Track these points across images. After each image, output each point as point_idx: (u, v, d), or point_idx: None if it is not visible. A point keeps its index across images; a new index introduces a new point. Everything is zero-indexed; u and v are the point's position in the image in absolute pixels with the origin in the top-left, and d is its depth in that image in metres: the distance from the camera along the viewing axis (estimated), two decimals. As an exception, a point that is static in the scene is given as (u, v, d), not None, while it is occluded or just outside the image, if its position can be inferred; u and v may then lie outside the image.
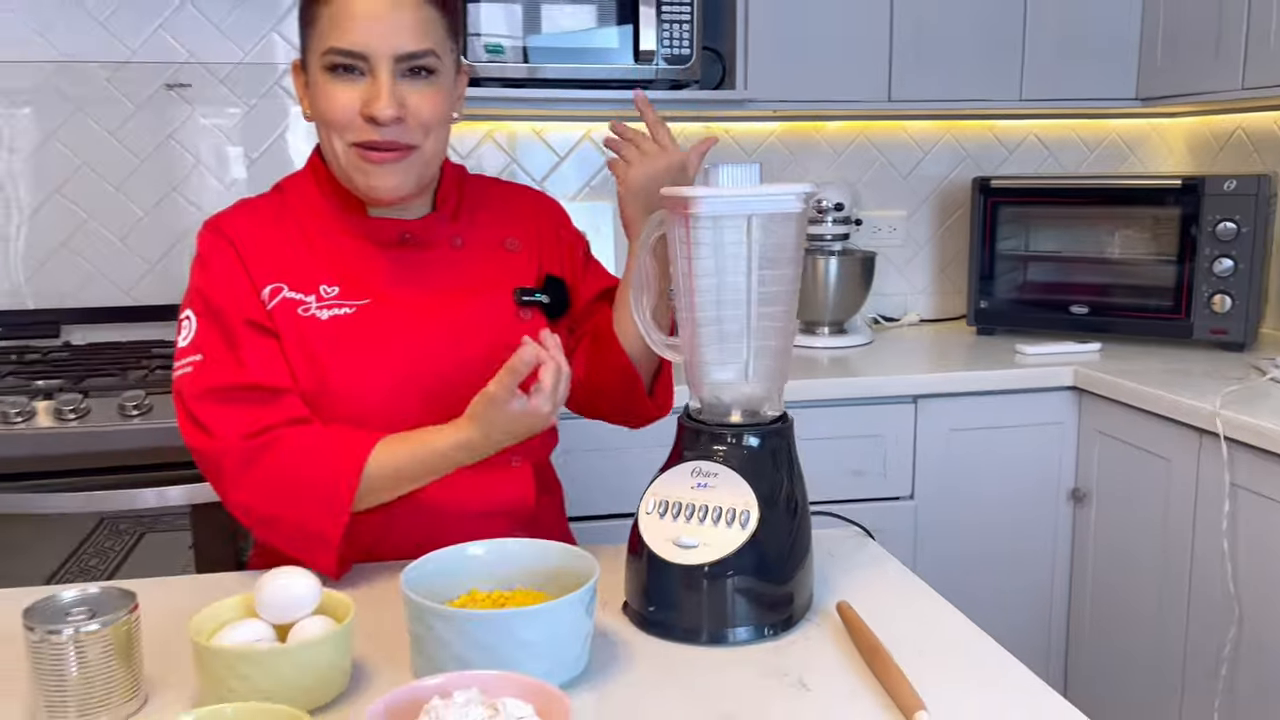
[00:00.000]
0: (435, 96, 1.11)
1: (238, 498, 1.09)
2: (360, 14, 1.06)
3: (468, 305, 1.18)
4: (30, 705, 0.84)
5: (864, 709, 0.84)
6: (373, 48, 1.07)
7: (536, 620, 0.83)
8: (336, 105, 1.09)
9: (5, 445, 1.73)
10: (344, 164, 1.12)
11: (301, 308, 1.13)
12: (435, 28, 1.11)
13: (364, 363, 1.13)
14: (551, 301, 1.23)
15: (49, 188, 2.27)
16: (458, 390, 1.12)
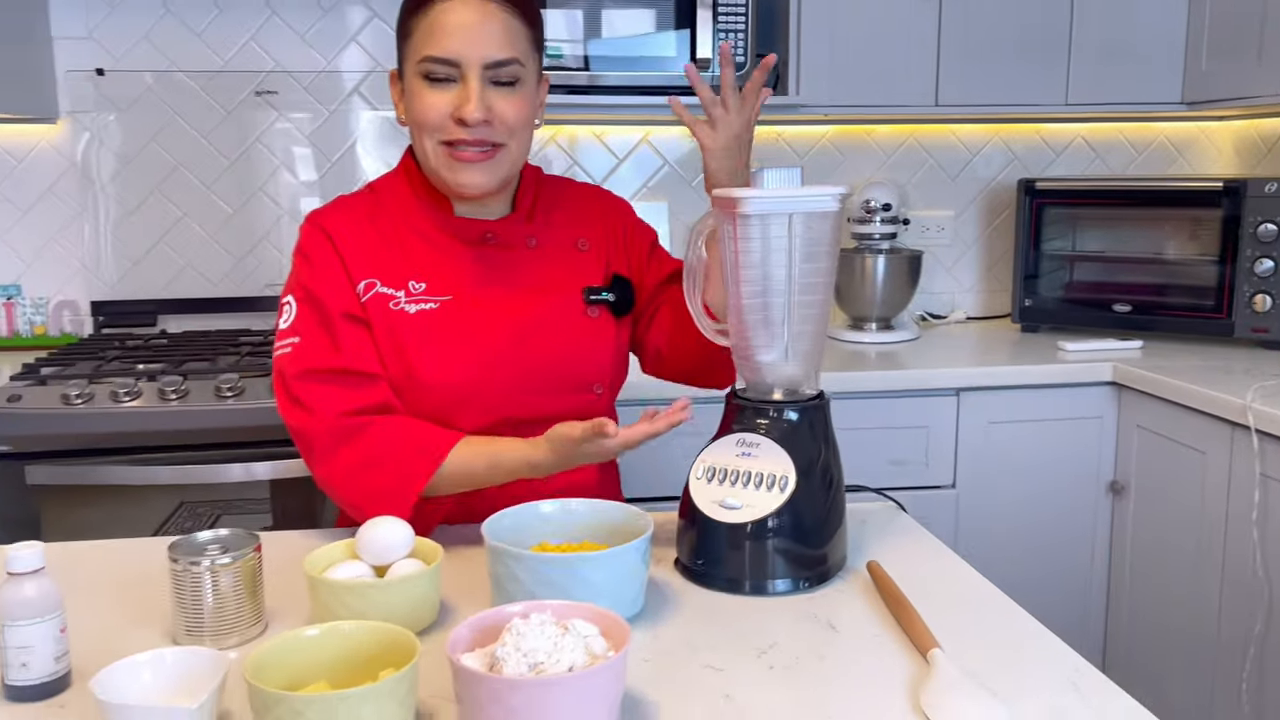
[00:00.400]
0: (519, 102, 1.21)
1: (323, 472, 1.21)
2: (453, 26, 1.17)
3: (541, 303, 1.28)
4: (171, 629, 0.99)
5: (886, 648, 0.96)
6: (464, 56, 1.17)
7: (600, 563, 0.96)
8: (430, 109, 1.20)
9: (115, 422, 1.90)
10: (434, 163, 1.23)
11: (392, 302, 1.23)
12: (520, 39, 1.21)
13: (447, 355, 1.23)
14: (617, 300, 1.33)
15: (148, 187, 2.46)
16: (530, 381, 1.25)
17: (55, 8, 2.37)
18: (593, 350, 1.30)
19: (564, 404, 1.28)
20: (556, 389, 1.28)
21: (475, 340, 1.25)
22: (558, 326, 1.28)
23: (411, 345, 1.23)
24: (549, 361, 1.27)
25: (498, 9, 1.19)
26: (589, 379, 1.31)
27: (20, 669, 0.85)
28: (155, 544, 1.24)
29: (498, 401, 1.25)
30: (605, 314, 1.32)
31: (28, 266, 2.45)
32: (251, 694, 0.75)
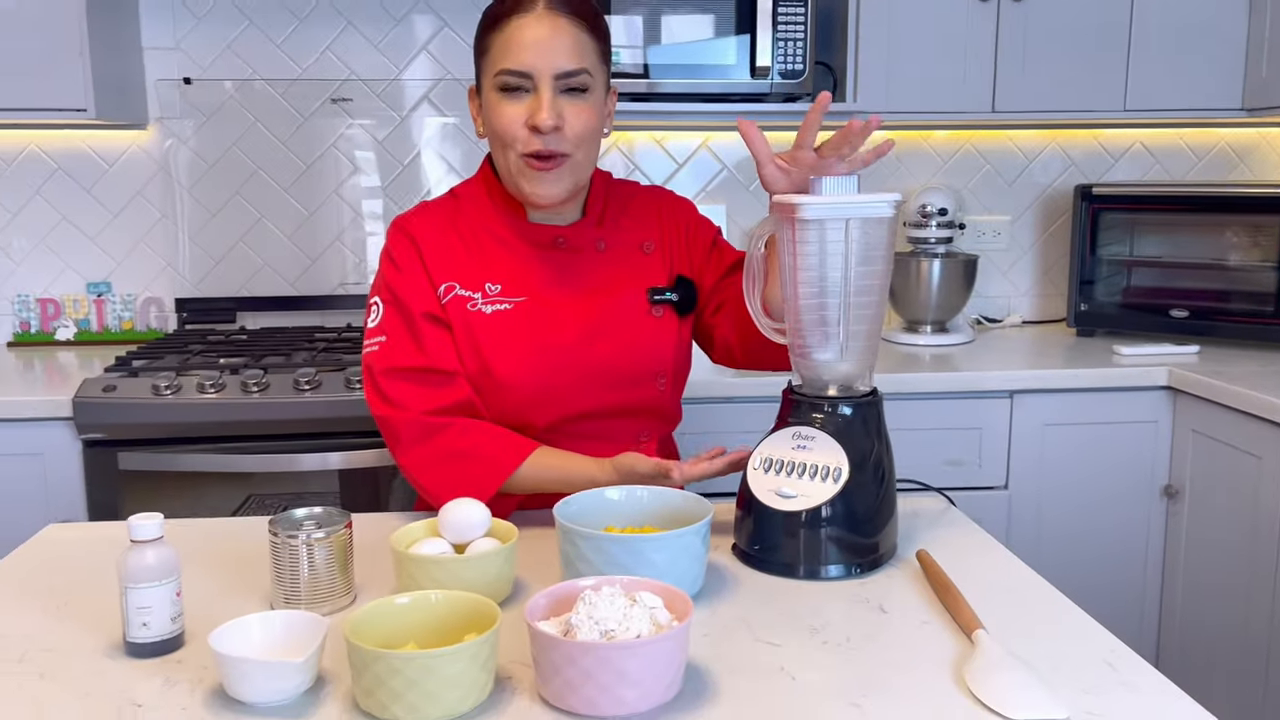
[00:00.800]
0: (588, 111, 1.29)
1: (407, 462, 1.30)
2: (527, 40, 1.25)
3: (608, 303, 1.36)
4: (270, 596, 1.08)
5: (933, 629, 1.01)
6: (536, 67, 1.25)
7: (663, 544, 1.03)
8: (506, 119, 1.27)
9: (201, 412, 2.01)
10: (513, 172, 1.30)
11: (470, 303, 1.32)
12: (589, 52, 1.29)
13: (520, 352, 1.32)
14: (680, 299, 1.41)
15: (229, 190, 2.58)
16: (599, 376, 1.34)
17: (146, 20, 2.50)
18: (656, 346, 1.38)
19: (630, 396, 1.36)
20: (623, 382, 1.36)
21: (547, 339, 1.33)
22: (624, 325, 1.36)
23: (487, 344, 1.32)
24: (616, 357, 1.35)
25: (567, 24, 1.27)
26: (653, 373, 1.39)
27: (141, 628, 0.94)
28: (248, 523, 1.34)
29: (568, 395, 1.34)
30: (669, 312, 1.40)
31: (118, 265, 2.58)
32: (351, 652, 0.83)
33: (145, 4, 2.50)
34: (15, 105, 2.19)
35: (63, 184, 2.54)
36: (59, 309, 2.56)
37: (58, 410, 1.99)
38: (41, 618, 1.04)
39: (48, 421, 2.00)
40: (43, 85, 2.18)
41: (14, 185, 2.53)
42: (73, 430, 2.00)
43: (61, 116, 2.21)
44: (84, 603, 1.08)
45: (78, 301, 2.57)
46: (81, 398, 1.99)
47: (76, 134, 2.52)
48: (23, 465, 2.01)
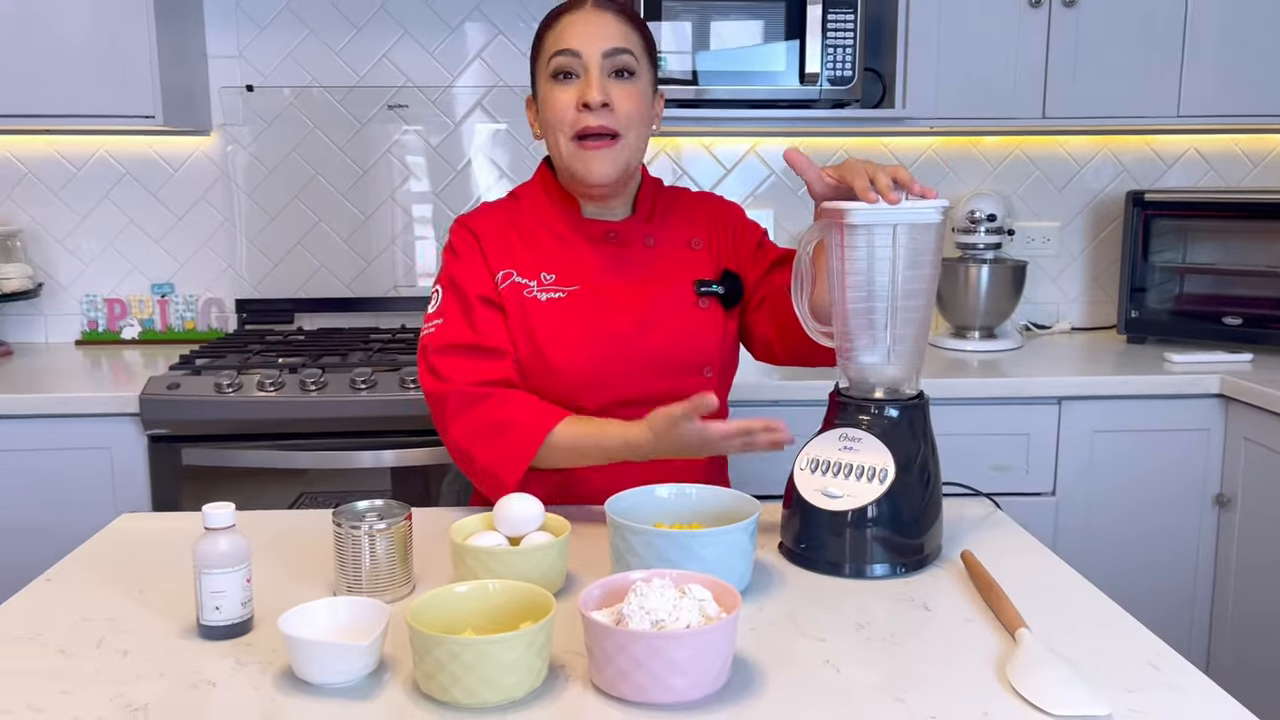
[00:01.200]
0: (635, 94, 1.37)
1: (452, 433, 1.36)
2: (575, 25, 1.36)
3: (656, 294, 1.43)
4: (334, 584, 1.12)
5: (977, 628, 1.03)
6: (584, 47, 1.35)
7: (712, 540, 1.05)
8: (559, 104, 1.36)
9: (261, 409, 2.08)
10: (566, 157, 1.38)
11: (526, 290, 1.40)
12: (634, 39, 1.38)
13: (572, 337, 1.39)
14: (726, 292, 1.46)
15: (288, 195, 2.65)
16: (646, 363, 1.40)
17: (211, 29, 2.58)
18: (702, 336, 1.44)
19: (677, 384, 1.41)
20: (670, 370, 1.42)
21: (598, 325, 1.40)
22: (671, 314, 1.42)
23: (541, 329, 1.39)
24: (664, 346, 1.41)
25: (613, 16, 1.38)
26: (699, 362, 1.44)
27: (214, 611, 0.99)
28: (310, 515, 1.39)
29: (617, 381, 1.40)
30: (714, 304, 1.46)
31: (181, 266, 2.67)
32: (414, 636, 0.87)
33: (210, 14, 2.58)
34: (87, 112, 2.27)
35: (130, 188, 2.63)
36: (125, 309, 2.65)
37: (125, 406, 2.07)
38: (121, 601, 1.10)
39: (115, 417, 2.08)
40: (113, 93, 2.26)
41: (84, 189, 2.62)
42: (139, 426, 2.08)
43: (131, 123, 2.30)
44: (158, 588, 1.13)
45: (143, 302, 2.65)
46: (148, 395, 2.06)
47: (144, 140, 2.60)
48: (91, 459, 2.09)
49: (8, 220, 2.60)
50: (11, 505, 2.08)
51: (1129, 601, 1.48)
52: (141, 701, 0.89)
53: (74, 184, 2.62)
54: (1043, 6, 2.34)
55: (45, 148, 2.59)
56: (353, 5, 2.60)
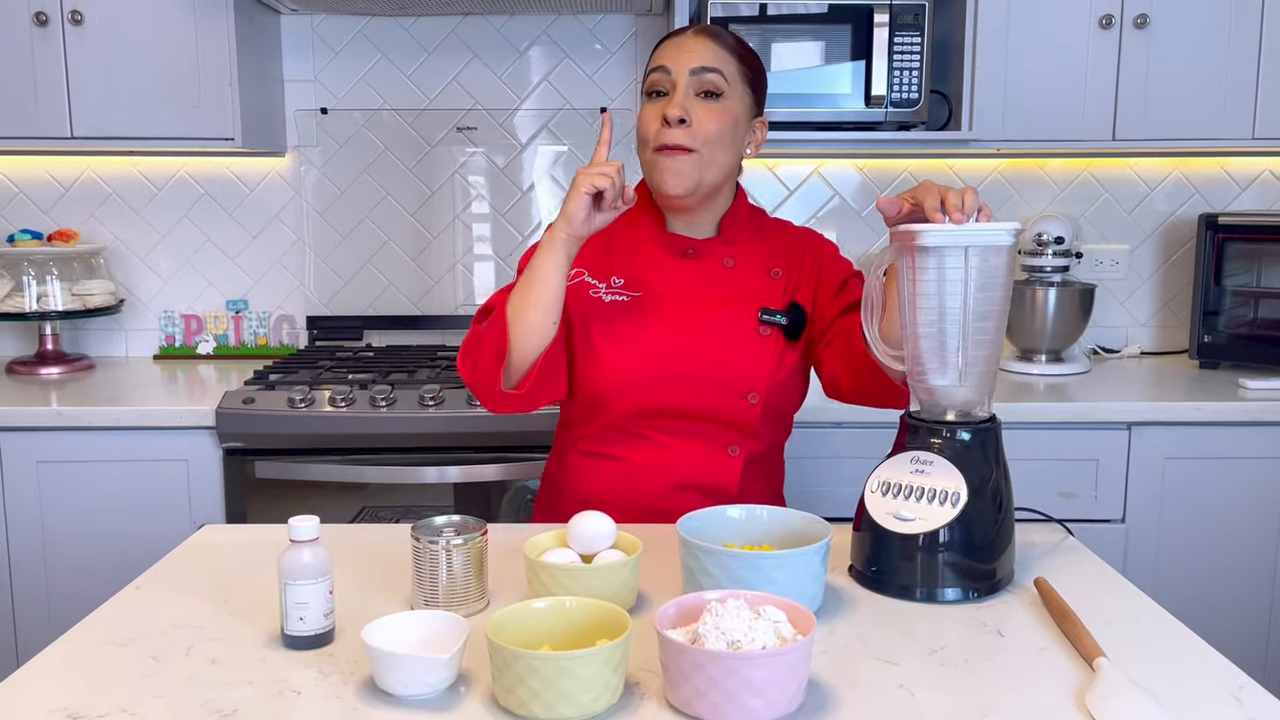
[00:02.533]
0: (719, 114, 1.42)
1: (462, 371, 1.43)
2: (673, 46, 1.45)
3: (718, 313, 1.47)
4: (410, 598, 1.15)
5: (1052, 655, 1.02)
6: (674, 64, 1.43)
7: (784, 562, 1.06)
8: (645, 119, 1.44)
9: (332, 424, 2.12)
10: (646, 168, 1.46)
11: (592, 290, 1.48)
12: (727, 62, 1.44)
13: (626, 340, 1.45)
14: (789, 324, 1.49)
15: (359, 215, 2.71)
16: (688, 379, 1.44)
17: (288, 54, 2.66)
18: (753, 362, 1.46)
19: (717, 405, 1.45)
20: (712, 390, 1.45)
21: (652, 330, 1.45)
22: (726, 336, 1.46)
23: (598, 327, 1.46)
24: (710, 365, 1.45)
25: (712, 42, 1.45)
26: (743, 387, 1.46)
27: (298, 621, 1.02)
28: (387, 529, 1.42)
29: (657, 388, 1.44)
30: (776, 334, 1.48)
31: (255, 284, 2.74)
32: (493, 651, 0.89)
33: (288, 40, 2.65)
34: (170, 134, 2.35)
35: (208, 207, 2.71)
36: (201, 324, 2.72)
37: (201, 420, 2.13)
38: (208, 610, 1.13)
39: (192, 430, 2.14)
40: (195, 116, 2.34)
41: (164, 208, 2.70)
42: (214, 439, 2.13)
43: (211, 145, 2.37)
44: (242, 598, 1.17)
45: (218, 318, 2.73)
46: (224, 409, 2.12)
47: (222, 161, 2.68)
48: (169, 470, 2.15)
49: (92, 238, 2.69)
50: (93, 513, 2.15)
51: (1201, 631, 1.46)
52: (231, 707, 0.92)
53: (155, 203, 2.70)
54: (1113, 28, 2.32)
55: (128, 168, 2.69)
56: (424, 30, 2.66)
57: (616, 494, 1.47)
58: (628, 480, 1.47)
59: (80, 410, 2.12)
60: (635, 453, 1.48)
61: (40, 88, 2.32)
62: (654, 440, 1.47)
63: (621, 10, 2.60)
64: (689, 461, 1.47)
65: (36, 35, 2.30)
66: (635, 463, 1.48)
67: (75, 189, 2.69)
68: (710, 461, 1.48)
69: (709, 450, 1.47)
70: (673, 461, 1.47)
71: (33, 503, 2.15)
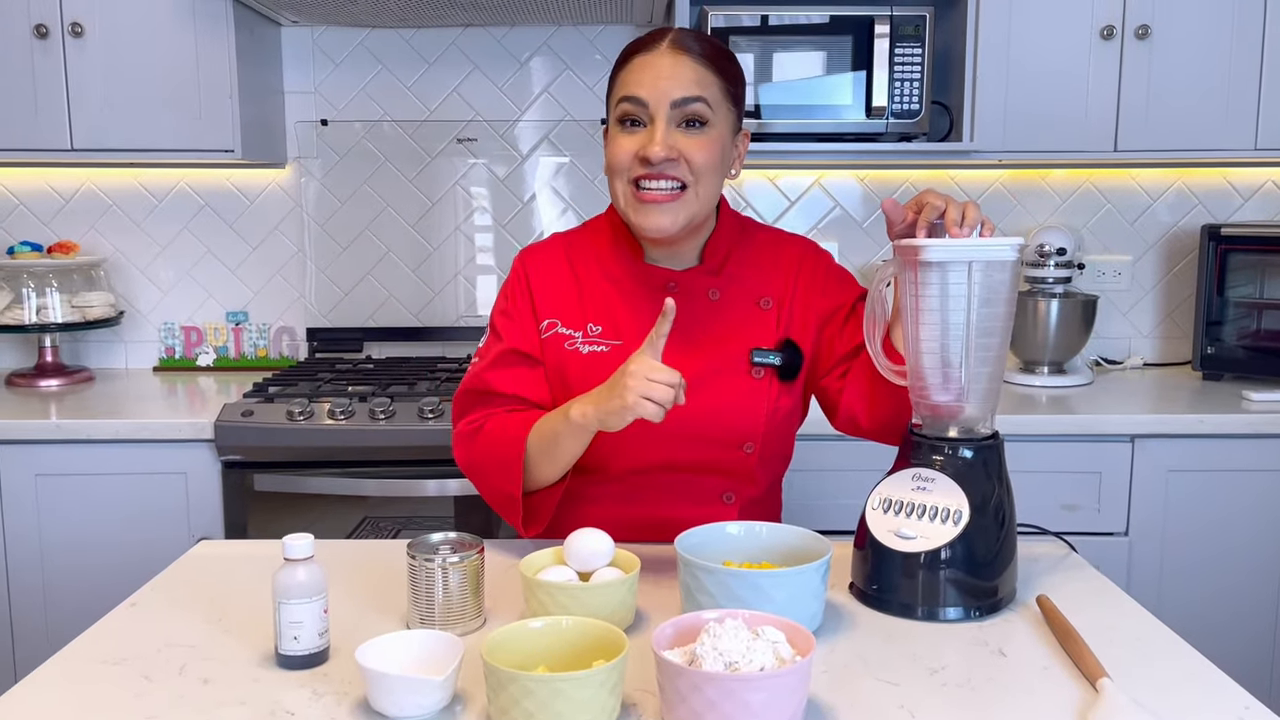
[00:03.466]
0: (706, 144, 1.28)
1: (464, 471, 1.39)
2: (647, 69, 1.28)
3: (706, 357, 1.35)
4: (406, 616, 1.14)
5: (1055, 675, 1.01)
6: (652, 96, 1.27)
7: (783, 580, 1.05)
8: (619, 151, 1.29)
9: (331, 437, 2.11)
10: (623, 204, 1.31)
11: (568, 342, 1.36)
12: (710, 86, 1.29)
13: None
14: (783, 365, 1.36)
15: (359, 226, 2.71)
16: (680, 433, 1.32)
17: (289, 66, 2.66)
18: (747, 409, 1.35)
19: (713, 456, 1.35)
20: (708, 443, 1.35)
21: None
22: (717, 382, 1.34)
23: (578, 383, 1.33)
24: (703, 417, 1.32)
25: (690, 59, 1.28)
26: (739, 437, 1.35)
27: (292, 641, 1.01)
28: (382, 545, 1.41)
29: (647, 445, 1.33)
30: (769, 375, 1.37)
31: (255, 295, 2.73)
32: (489, 672, 0.88)
33: (288, 51, 2.65)
34: (170, 146, 2.35)
35: (208, 219, 2.70)
36: (201, 336, 2.72)
37: (200, 433, 2.12)
38: (202, 628, 1.12)
39: (191, 443, 2.13)
40: (196, 128, 2.34)
41: (164, 220, 2.70)
42: (213, 451, 2.13)
43: (212, 157, 2.37)
44: (236, 615, 1.16)
45: (218, 329, 2.72)
46: (223, 421, 2.11)
47: (222, 172, 2.68)
48: (168, 483, 2.14)
49: (92, 250, 2.69)
50: (92, 526, 2.14)
51: (1206, 647, 1.44)
52: (223, 729, 0.91)
53: (155, 215, 2.70)
54: (1115, 39, 2.31)
55: (128, 180, 2.68)
56: (425, 41, 2.65)
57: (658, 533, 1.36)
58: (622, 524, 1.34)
59: (79, 423, 2.12)
60: (628, 509, 1.38)
61: (40, 100, 2.32)
62: (648, 496, 1.38)
63: (622, 21, 2.60)
64: (682, 509, 1.36)
65: (37, 48, 2.30)
66: (629, 516, 1.38)
67: (75, 201, 2.69)
68: (705, 512, 1.36)
69: (704, 501, 1.38)
70: (664, 509, 1.37)
71: (31, 515, 2.14)
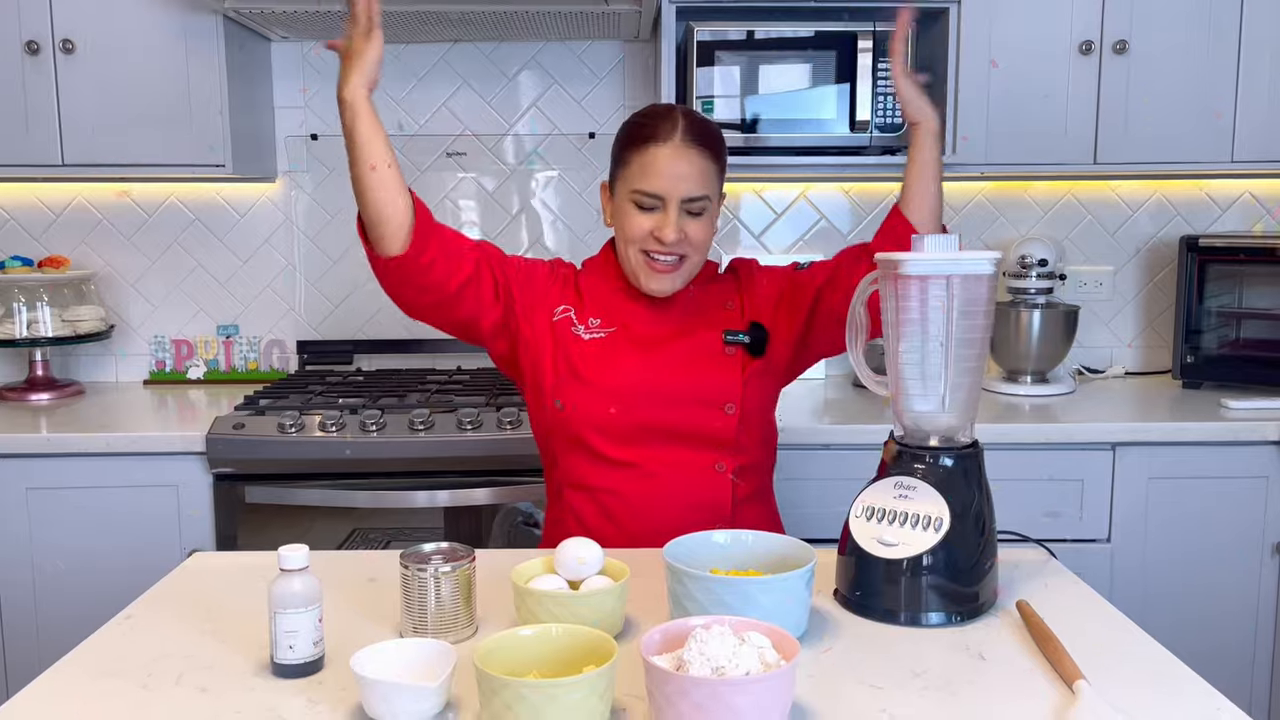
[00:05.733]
0: (705, 225, 1.54)
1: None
2: (662, 168, 1.49)
3: (686, 341, 1.56)
4: (399, 625, 1.16)
5: (1033, 678, 1.03)
6: (667, 192, 1.49)
7: (769, 587, 1.07)
8: (635, 227, 1.51)
9: (322, 449, 2.13)
10: (633, 266, 1.54)
11: (574, 328, 1.57)
12: (712, 178, 1.52)
13: (605, 371, 1.53)
14: (752, 341, 1.57)
15: (349, 239, 2.72)
16: (672, 395, 1.52)
17: (278, 80, 2.68)
18: (723, 376, 1.54)
19: (695, 415, 1.52)
20: (689, 401, 1.53)
21: (630, 362, 1.53)
22: (696, 357, 1.55)
23: (579, 362, 1.54)
24: (685, 381, 1.53)
25: (698, 155, 1.50)
26: (719, 396, 1.54)
27: (288, 650, 1.03)
28: (375, 555, 1.43)
29: (637, 406, 1.51)
30: (740, 352, 1.57)
31: (245, 309, 2.75)
32: (481, 679, 0.90)
33: (278, 65, 2.67)
34: (161, 161, 2.37)
35: (198, 233, 2.72)
36: (191, 350, 2.73)
37: (191, 445, 2.13)
38: (197, 638, 1.14)
39: (182, 456, 2.14)
40: (186, 142, 2.36)
41: (155, 234, 2.71)
42: (204, 464, 2.14)
43: (202, 172, 2.39)
44: (231, 626, 1.17)
45: (208, 343, 2.74)
46: (214, 434, 2.12)
47: (212, 186, 2.70)
48: (159, 496, 2.15)
49: (82, 264, 2.70)
50: (83, 540, 2.15)
51: (1186, 652, 1.47)
52: (220, 737, 0.93)
53: (145, 229, 2.71)
54: (1094, 53, 2.35)
55: (119, 194, 2.70)
56: (414, 56, 2.68)
57: (623, 529, 1.52)
58: (625, 511, 1.52)
59: (70, 437, 2.13)
60: (625, 484, 1.52)
61: (31, 115, 2.33)
62: (641, 469, 1.52)
63: (609, 36, 2.63)
64: (679, 483, 1.52)
65: (28, 64, 2.32)
66: (627, 493, 1.52)
67: (66, 215, 2.70)
68: (700, 480, 1.52)
69: (696, 470, 1.53)
70: (663, 486, 1.51)
71: (23, 529, 2.15)
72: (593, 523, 1.54)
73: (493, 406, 2.24)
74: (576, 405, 1.52)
